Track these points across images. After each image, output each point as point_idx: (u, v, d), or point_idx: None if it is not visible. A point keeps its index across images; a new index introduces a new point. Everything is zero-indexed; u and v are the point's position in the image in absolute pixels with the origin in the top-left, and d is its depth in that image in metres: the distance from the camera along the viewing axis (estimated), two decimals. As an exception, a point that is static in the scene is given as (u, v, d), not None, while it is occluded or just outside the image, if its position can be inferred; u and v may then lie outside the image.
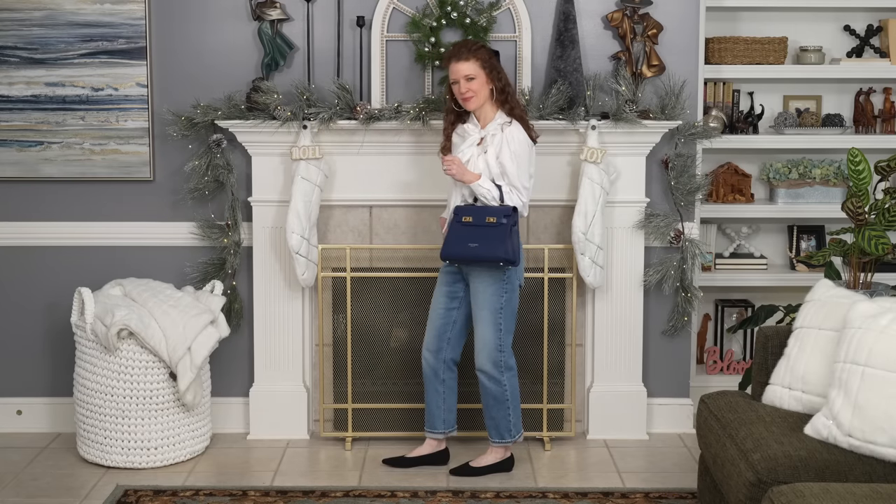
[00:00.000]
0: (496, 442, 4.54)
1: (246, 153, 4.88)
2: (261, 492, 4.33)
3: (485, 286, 4.39)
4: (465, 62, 4.31)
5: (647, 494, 4.31)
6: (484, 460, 4.55)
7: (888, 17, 5.34)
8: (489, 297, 4.39)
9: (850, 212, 4.51)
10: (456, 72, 4.32)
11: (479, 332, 4.43)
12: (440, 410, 4.57)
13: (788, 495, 3.02)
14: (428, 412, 4.58)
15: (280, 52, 4.82)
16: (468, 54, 4.32)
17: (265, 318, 4.94)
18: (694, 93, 4.91)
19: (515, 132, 4.33)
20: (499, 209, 4.32)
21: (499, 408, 4.48)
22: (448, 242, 4.36)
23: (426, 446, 4.62)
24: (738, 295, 5.56)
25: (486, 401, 4.49)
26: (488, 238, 4.28)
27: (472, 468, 4.53)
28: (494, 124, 4.36)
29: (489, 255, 4.30)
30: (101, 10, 4.85)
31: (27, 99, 4.91)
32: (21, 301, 5.04)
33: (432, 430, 4.59)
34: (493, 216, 4.30)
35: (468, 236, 4.30)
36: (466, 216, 4.34)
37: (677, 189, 4.89)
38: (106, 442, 4.58)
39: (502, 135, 4.33)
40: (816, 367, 3.65)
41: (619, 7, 4.85)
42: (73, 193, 4.97)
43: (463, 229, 4.33)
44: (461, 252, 4.33)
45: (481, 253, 4.30)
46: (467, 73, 4.31)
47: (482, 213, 4.33)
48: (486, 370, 4.43)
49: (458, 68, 4.32)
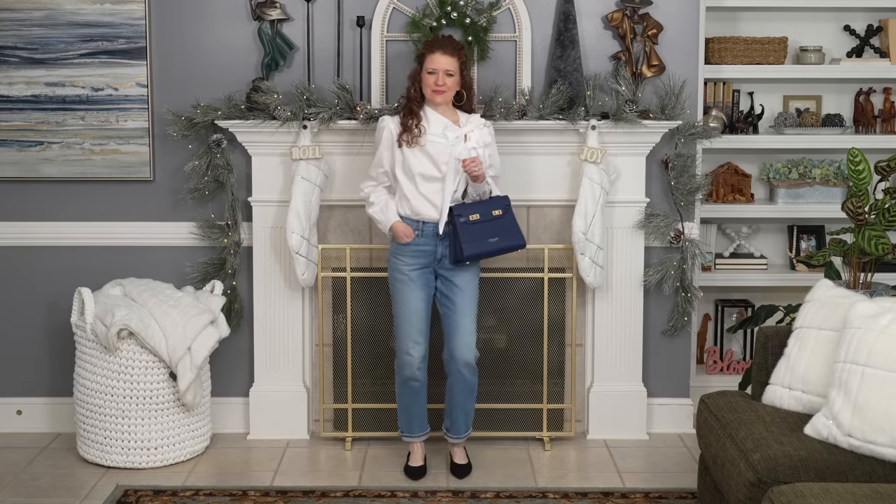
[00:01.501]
0: (464, 435, 4.57)
1: (246, 153, 4.88)
2: (261, 492, 4.33)
3: (468, 280, 4.45)
4: (450, 57, 4.34)
5: (647, 494, 4.31)
6: (464, 455, 4.60)
7: (888, 17, 5.34)
8: (473, 291, 4.46)
9: (850, 212, 4.51)
10: (437, 62, 4.33)
11: (464, 326, 4.43)
12: (424, 411, 4.59)
13: (788, 495, 3.02)
14: (418, 415, 4.55)
15: (280, 52, 4.82)
16: (454, 51, 4.35)
17: (265, 318, 4.94)
18: (694, 93, 4.91)
19: (492, 131, 4.49)
20: (498, 200, 4.44)
21: (472, 399, 4.53)
22: (466, 243, 4.34)
23: (421, 449, 4.62)
24: (738, 295, 5.56)
25: (462, 395, 4.49)
26: (504, 229, 4.40)
27: (465, 465, 4.56)
28: (475, 122, 4.43)
29: (512, 244, 4.44)
30: (101, 10, 4.85)
31: (27, 99, 4.91)
32: (21, 301, 5.05)
33: (422, 432, 4.59)
34: (497, 208, 4.40)
35: (484, 233, 4.36)
36: (473, 214, 4.36)
37: (677, 189, 4.89)
38: (106, 442, 4.58)
39: (485, 130, 4.42)
40: (816, 367, 3.65)
41: (619, 7, 4.85)
42: (73, 193, 4.97)
43: (474, 227, 4.36)
44: (484, 249, 4.38)
45: (504, 245, 4.42)
46: (448, 69, 4.33)
47: (487, 207, 4.39)
48: (470, 363, 4.44)
49: (441, 60, 4.33)
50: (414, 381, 4.45)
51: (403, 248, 4.41)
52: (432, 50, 4.35)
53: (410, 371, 4.44)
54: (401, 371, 4.47)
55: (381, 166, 4.43)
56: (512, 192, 4.83)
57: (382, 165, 4.43)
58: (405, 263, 4.42)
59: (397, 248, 4.44)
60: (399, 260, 4.43)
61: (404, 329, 4.43)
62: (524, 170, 4.83)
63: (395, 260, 4.45)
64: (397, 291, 4.45)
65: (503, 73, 4.84)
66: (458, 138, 4.36)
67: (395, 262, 4.45)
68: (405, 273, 4.43)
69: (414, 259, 4.41)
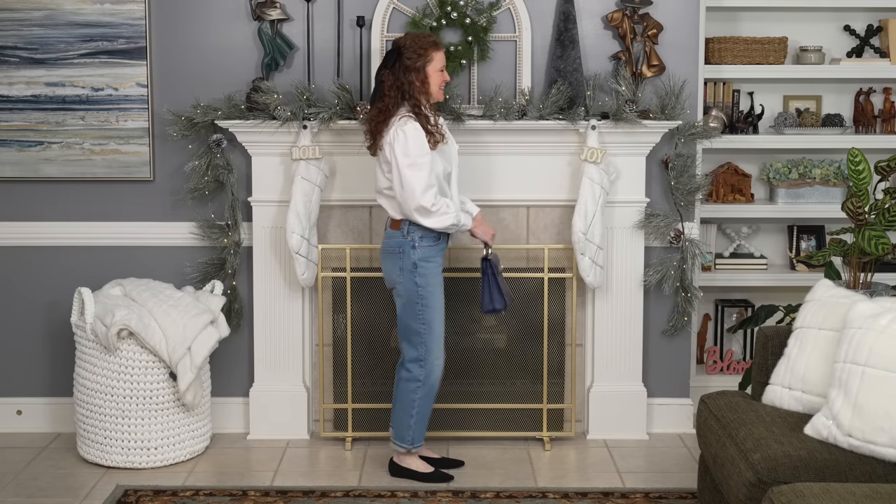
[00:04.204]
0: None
1: (246, 153, 4.88)
2: (261, 492, 4.33)
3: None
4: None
5: (647, 494, 4.31)
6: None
7: (888, 17, 5.34)
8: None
9: (850, 212, 4.51)
10: (443, 61, 4.31)
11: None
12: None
13: (788, 495, 3.02)
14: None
15: (280, 52, 4.82)
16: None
17: (265, 318, 4.94)
18: (694, 93, 4.91)
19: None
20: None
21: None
22: (506, 295, 4.46)
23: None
24: (738, 295, 5.56)
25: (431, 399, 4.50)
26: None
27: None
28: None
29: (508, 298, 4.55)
30: (101, 10, 4.85)
31: (27, 99, 4.91)
32: (21, 301, 5.05)
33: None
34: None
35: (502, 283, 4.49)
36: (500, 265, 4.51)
37: (677, 189, 4.89)
38: (106, 442, 4.58)
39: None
40: (816, 367, 3.65)
41: (619, 7, 4.85)
42: (73, 193, 4.97)
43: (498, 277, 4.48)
44: (508, 299, 4.50)
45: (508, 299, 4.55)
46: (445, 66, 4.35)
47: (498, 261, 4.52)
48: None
49: (443, 58, 4.32)
50: (437, 384, 4.42)
51: (433, 249, 4.31)
52: (438, 48, 4.29)
53: (439, 373, 4.40)
54: (431, 376, 4.37)
55: (436, 171, 4.27)
56: (512, 192, 4.85)
57: (437, 170, 4.28)
58: (438, 265, 4.35)
59: (428, 252, 4.30)
60: (433, 262, 4.32)
61: (438, 332, 4.35)
62: (524, 170, 4.83)
63: (427, 264, 4.30)
64: (432, 296, 4.32)
65: (503, 73, 4.84)
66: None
67: (428, 267, 4.30)
68: (438, 275, 4.35)
69: (441, 258, 4.38)
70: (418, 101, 4.25)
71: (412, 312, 4.32)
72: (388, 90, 4.26)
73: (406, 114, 4.23)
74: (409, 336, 4.36)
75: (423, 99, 4.26)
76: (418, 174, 4.17)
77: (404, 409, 4.40)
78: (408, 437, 4.43)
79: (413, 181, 4.17)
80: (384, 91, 4.27)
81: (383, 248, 4.38)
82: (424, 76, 4.25)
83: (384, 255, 4.37)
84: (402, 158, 4.18)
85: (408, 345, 4.36)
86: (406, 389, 4.39)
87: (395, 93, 4.25)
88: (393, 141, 4.20)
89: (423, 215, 4.22)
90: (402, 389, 4.40)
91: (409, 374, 4.37)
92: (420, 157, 4.18)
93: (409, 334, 4.35)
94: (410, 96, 4.25)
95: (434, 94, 4.29)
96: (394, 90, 4.25)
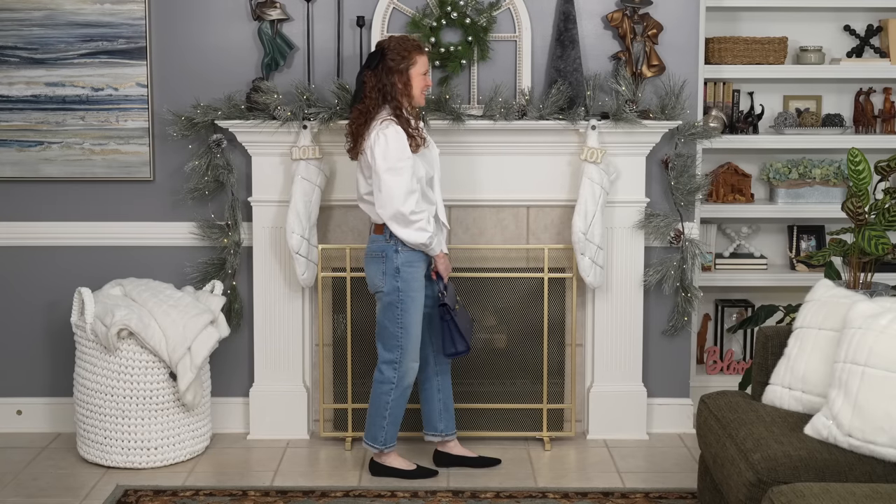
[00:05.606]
0: (454, 432, 4.64)
1: (246, 153, 4.88)
2: (261, 492, 4.33)
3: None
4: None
5: (647, 494, 4.31)
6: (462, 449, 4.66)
7: (888, 17, 5.34)
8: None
9: (850, 212, 4.51)
10: (426, 65, 4.30)
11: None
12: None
13: (788, 495, 3.02)
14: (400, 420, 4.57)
15: (280, 52, 4.82)
16: None
17: (265, 318, 4.94)
18: (694, 93, 4.91)
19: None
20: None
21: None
22: (467, 336, 4.45)
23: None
24: (738, 295, 5.56)
25: (450, 390, 4.59)
26: (463, 314, 4.53)
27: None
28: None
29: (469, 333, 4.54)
30: (101, 10, 4.85)
31: (27, 99, 4.91)
32: (21, 301, 5.05)
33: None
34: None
35: (464, 319, 4.49)
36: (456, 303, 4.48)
37: (677, 189, 4.89)
38: (106, 442, 4.58)
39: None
40: (816, 367, 3.65)
41: (619, 7, 4.85)
42: (73, 193, 4.97)
43: (462, 315, 4.49)
44: (469, 338, 4.50)
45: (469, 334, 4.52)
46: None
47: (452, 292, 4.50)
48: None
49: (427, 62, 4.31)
50: (411, 387, 4.43)
51: (417, 254, 4.29)
52: (422, 52, 4.29)
53: (413, 377, 4.41)
54: (405, 380, 4.38)
55: (418, 176, 4.25)
56: (512, 192, 4.85)
57: (418, 174, 4.26)
58: (420, 269, 4.34)
59: (411, 256, 4.29)
60: (415, 267, 4.31)
61: (415, 337, 4.35)
62: (524, 170, 4.83)
63: (409, 269, 4.29)
64: (412, 300, 4.31)
65: (503, 73, 4.84)
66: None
67: (410, 272, 4.29)
68: (420, 280, 4.34)
69: (424, 263, 4.36)
70: (400, 104, 4.24)
71: (391, 315, 4.32)
72: (370, 91, 4.25)
73: (387, 117, 4.22)
74: (384, 338, 4.36)
75: (404, 102, 4.25)
76: (398, 179, 4.16)
77: (377, 411, 4.42)
78: (380, 438, 4.44)
79: (393, 186, 4.16)
80: (365, 92, 4.26)
81: (366, 253, 4.39)
82: (407, 79, 4.25)
83: (367, 260, 4.38)
84: (381, 162, 4.16)
85: (382, 347, 4.37)
86: (379, 391, 4.40)
87: (376, 94, 4.25)
88: (374, 144, 4.19)
89: (401, 223, 4.20)
90: (375, 391, 4.42)
91: (382, 377, 4.38)
92: (400, 162, 4.16)
93: (385, 337, 4.36)
94: (392, 98, 4.24)
95: (416, 98, 4.28)
96: (375, 91, 4.24)
